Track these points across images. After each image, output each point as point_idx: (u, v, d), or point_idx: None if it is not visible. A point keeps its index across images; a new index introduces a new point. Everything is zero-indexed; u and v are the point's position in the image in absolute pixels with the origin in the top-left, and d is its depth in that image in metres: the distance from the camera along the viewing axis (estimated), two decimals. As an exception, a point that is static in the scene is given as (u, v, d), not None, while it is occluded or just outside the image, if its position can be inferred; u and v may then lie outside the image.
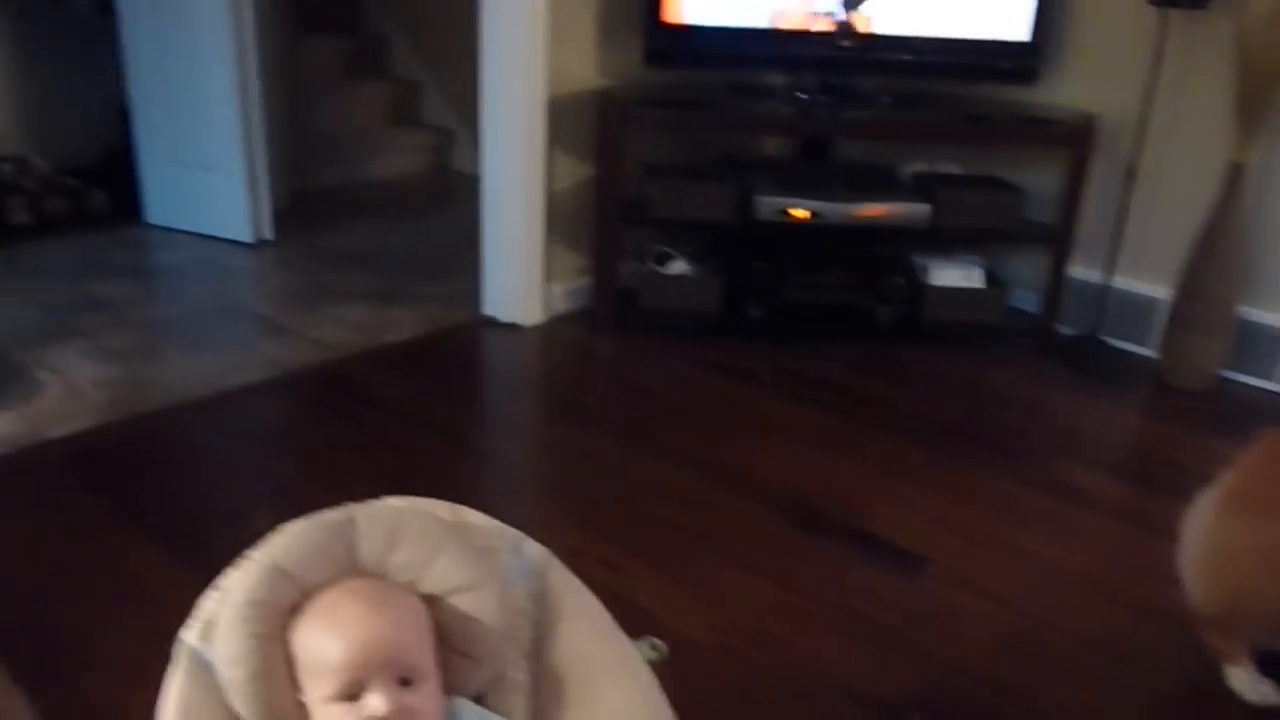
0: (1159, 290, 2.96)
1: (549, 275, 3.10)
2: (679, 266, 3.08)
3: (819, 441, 2.45)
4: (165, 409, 2.45)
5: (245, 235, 3.68)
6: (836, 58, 2.97)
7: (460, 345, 2.97)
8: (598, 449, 2.40)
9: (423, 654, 0.95)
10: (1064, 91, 3.04)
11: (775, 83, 3.21)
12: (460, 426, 2.49)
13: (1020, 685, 1.66)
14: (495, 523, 1.14)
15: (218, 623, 0.96)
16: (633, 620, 1.11)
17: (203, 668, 0.96)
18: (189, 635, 0.98)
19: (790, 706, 1.59)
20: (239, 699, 0.93)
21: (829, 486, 2.24)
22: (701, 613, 1.79)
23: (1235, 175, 2.65)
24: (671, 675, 1.04)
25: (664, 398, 2.66)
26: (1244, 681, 1.63)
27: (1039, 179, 3.08)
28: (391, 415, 2.51)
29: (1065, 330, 3.09)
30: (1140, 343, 3.04)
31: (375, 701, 0.90)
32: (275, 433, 2.47)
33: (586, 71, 2.99)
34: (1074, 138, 2.85)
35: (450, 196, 4.60)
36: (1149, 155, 2.88)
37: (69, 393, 2.49)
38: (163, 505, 2.06)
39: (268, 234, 3.74)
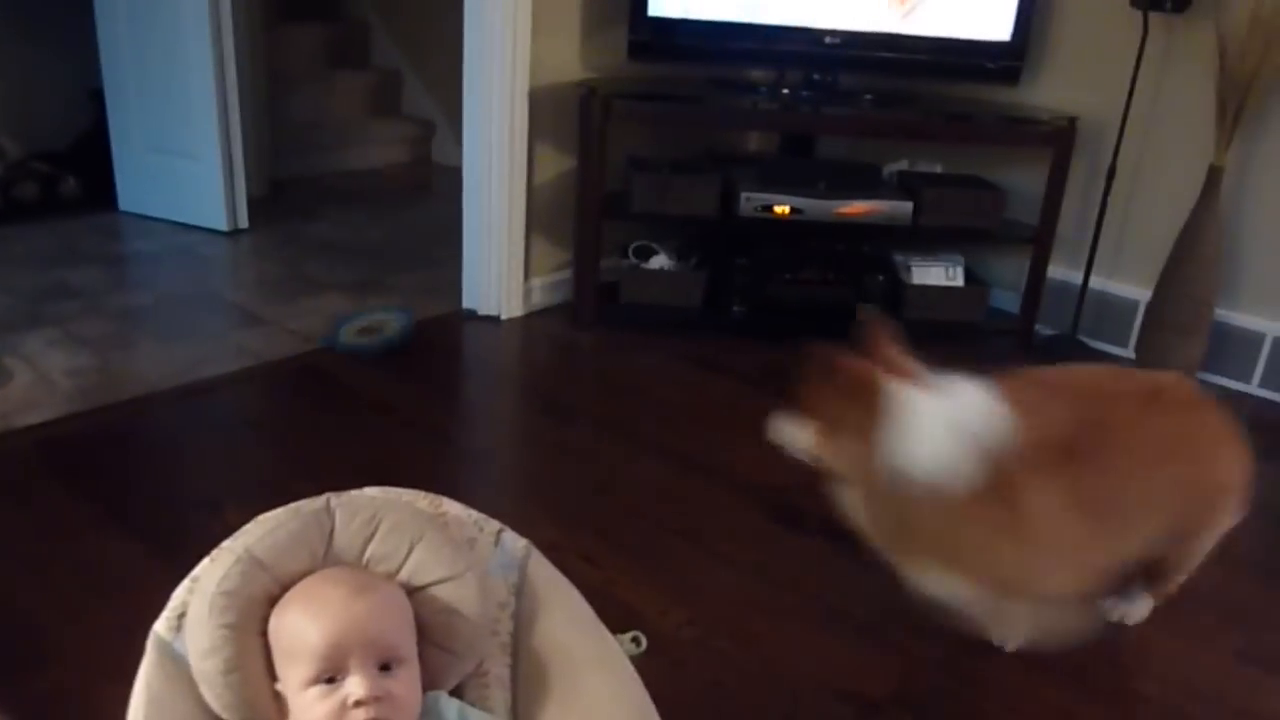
0: (1137, 292, 2.98)
1: (530, 269, 3.08)
2: (660, 261, 3.06)
3: (799, 438, 2.45)
4: (138, 398, 2.41)
5: (221, 224, 3.64)
6: (821, 54, 2.96)
7: (439, 338, 2.94)
8: (577, 444, 2.39)
9: (403, 640, 0.93)
10: (1046, 92, 3.05)
11: (759, 78, 3.20)
12: (438, 419, 2.47)
13: (1001, 682, 1.66)
14: (475, 514, 1.12)
15: (189, 614, 0.94)
16: (612, 615, 1.10)
17: (174, 659, 0.94)
18: (160, 626, 0.96)
19: (770, 701, 1.58)
20: (211, 691, 0.92)
21: (811, 483, 2.23)
22: (681, 608, 1.78)
23: (1214, 178, 2.67)
24: (650, 669, 1.03)
25: (645, 393, 2.65)
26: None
27: (1021, 179, 3.09)
28: (369, 407, 2.48)
29: (1044, 330, 3.10)
30: (1118, 343, 3.05)
31: (354, 685, 0.88)
32: (250, 423, 2.43)
33: (569, 63, 2.96)
34: (1055, 138, 2.86)
35: (429, 188, 4.57)
36: (1129, 157, 2.90)
37: (38, 381, 2.45)
38: (134, 496, 2.03)
39: (244, 223, 3.70)
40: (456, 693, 1.01)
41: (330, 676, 0.89)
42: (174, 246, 3.50)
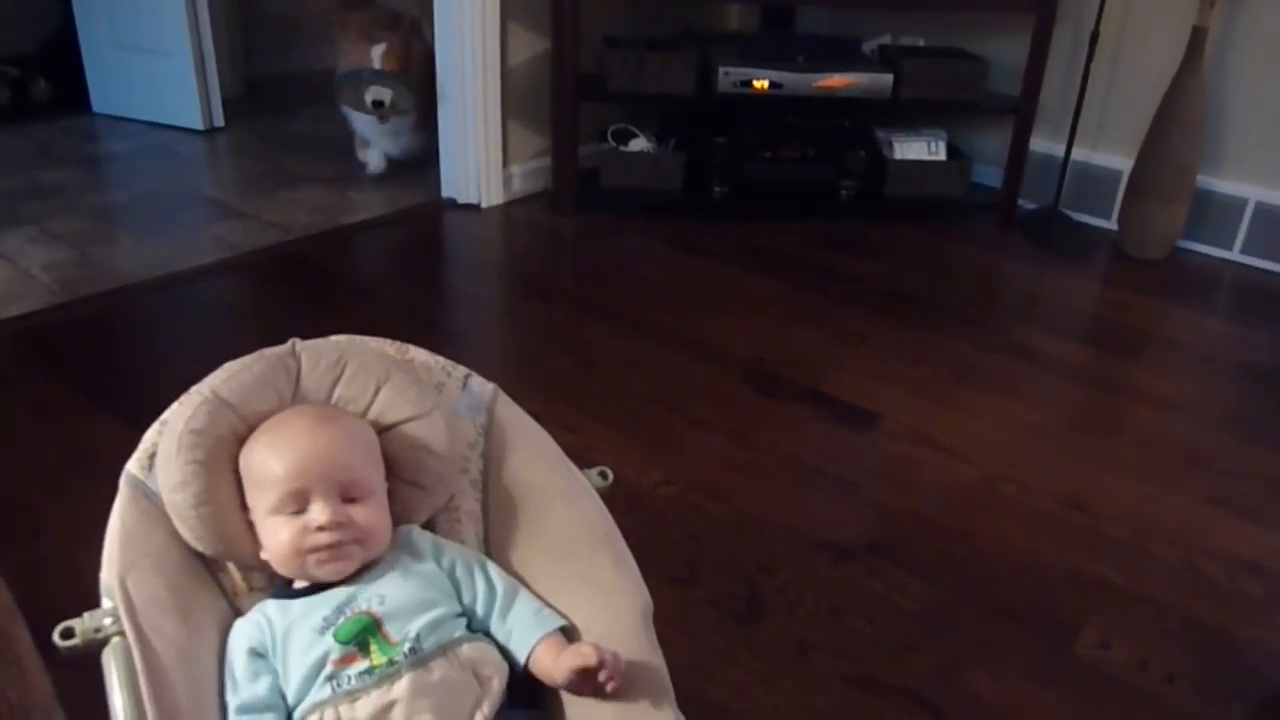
0: (1121, 162, 2.96)
1: (508, 156, 3.05)
2: (640, 144, 3.03)
3: (780, 312, 2.46)
4: (118, 289, 2.41)
5: (195, 122, 3.59)
6: (798, -76, 2.89)
7: (419, 226, 2.93)
8: (558, 322, 2.40)
9: (367, 471, 0.95)
10: (1029, -42, 2.98)
11: (736, -48, 3.12)
12: (420, 303, 2.48)
13: (971, 529, 1.70)
14: (442, 360, 1.14)
15: (159, 452, 0.96)
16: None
17: (146, 496, 0.96)
18: (132, 466, 0.98)
19: (745, 551, 1.62)
20: (184, 524, 0.94)
21: (788, 353, 2.26)
22: (658, 469, 1.81)
23: (1197, 39, 2.63)
24: (626, 524, 1.04)
25: (625, 274, 2.65)
26: None
27: (1004, 50, 3.03)
28: (350, 293, 2.48)
29: (1027, 204, 3.09)
30: (1101, 215, 3.04)
31: (316, 511, 0.91)
32: (231, 311, 2.44)
33: (541, -60, 2.89)
34: (1037, 4, 2.80)
35: (408, 84, 4.48)
36: (1113, 22, 2.84)
37: (18, 276, 2.45)
38: (116, 380, 2.04)
39: (219, 121, 3.65)
40: (429, 526, 1.03)
41: (296, 509, 0.92)
42: (149, 146, 3.46)
